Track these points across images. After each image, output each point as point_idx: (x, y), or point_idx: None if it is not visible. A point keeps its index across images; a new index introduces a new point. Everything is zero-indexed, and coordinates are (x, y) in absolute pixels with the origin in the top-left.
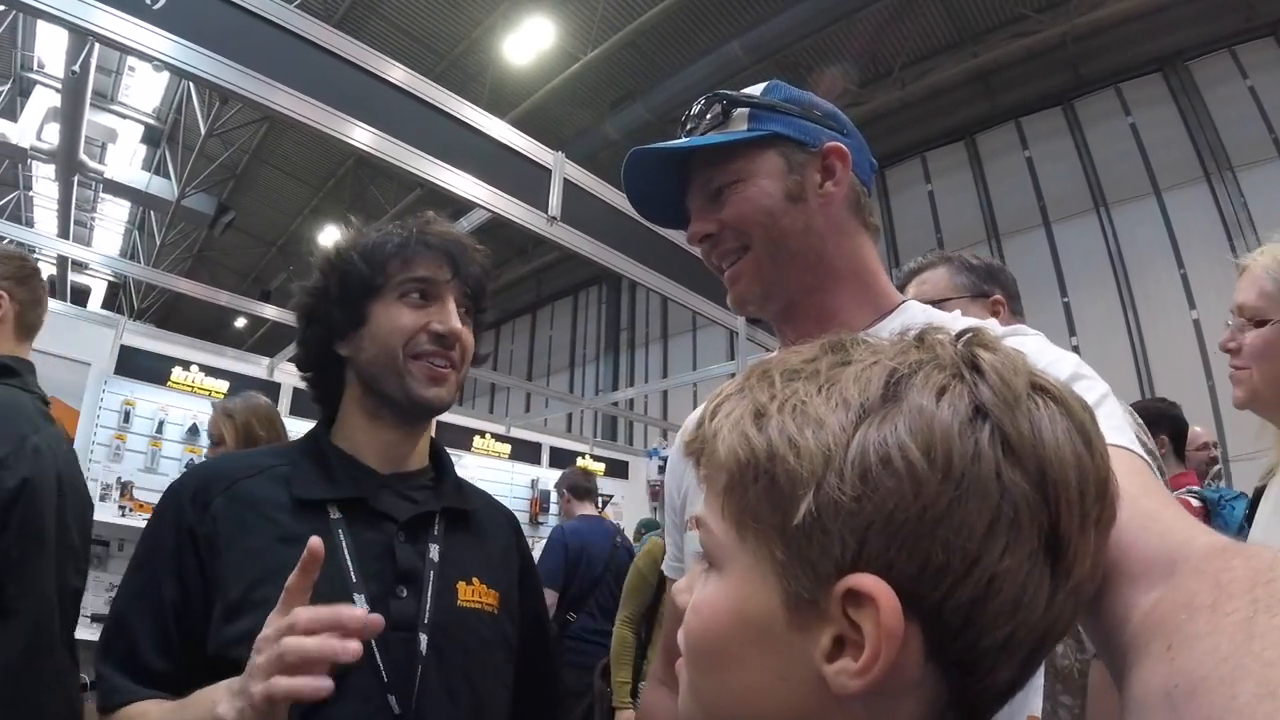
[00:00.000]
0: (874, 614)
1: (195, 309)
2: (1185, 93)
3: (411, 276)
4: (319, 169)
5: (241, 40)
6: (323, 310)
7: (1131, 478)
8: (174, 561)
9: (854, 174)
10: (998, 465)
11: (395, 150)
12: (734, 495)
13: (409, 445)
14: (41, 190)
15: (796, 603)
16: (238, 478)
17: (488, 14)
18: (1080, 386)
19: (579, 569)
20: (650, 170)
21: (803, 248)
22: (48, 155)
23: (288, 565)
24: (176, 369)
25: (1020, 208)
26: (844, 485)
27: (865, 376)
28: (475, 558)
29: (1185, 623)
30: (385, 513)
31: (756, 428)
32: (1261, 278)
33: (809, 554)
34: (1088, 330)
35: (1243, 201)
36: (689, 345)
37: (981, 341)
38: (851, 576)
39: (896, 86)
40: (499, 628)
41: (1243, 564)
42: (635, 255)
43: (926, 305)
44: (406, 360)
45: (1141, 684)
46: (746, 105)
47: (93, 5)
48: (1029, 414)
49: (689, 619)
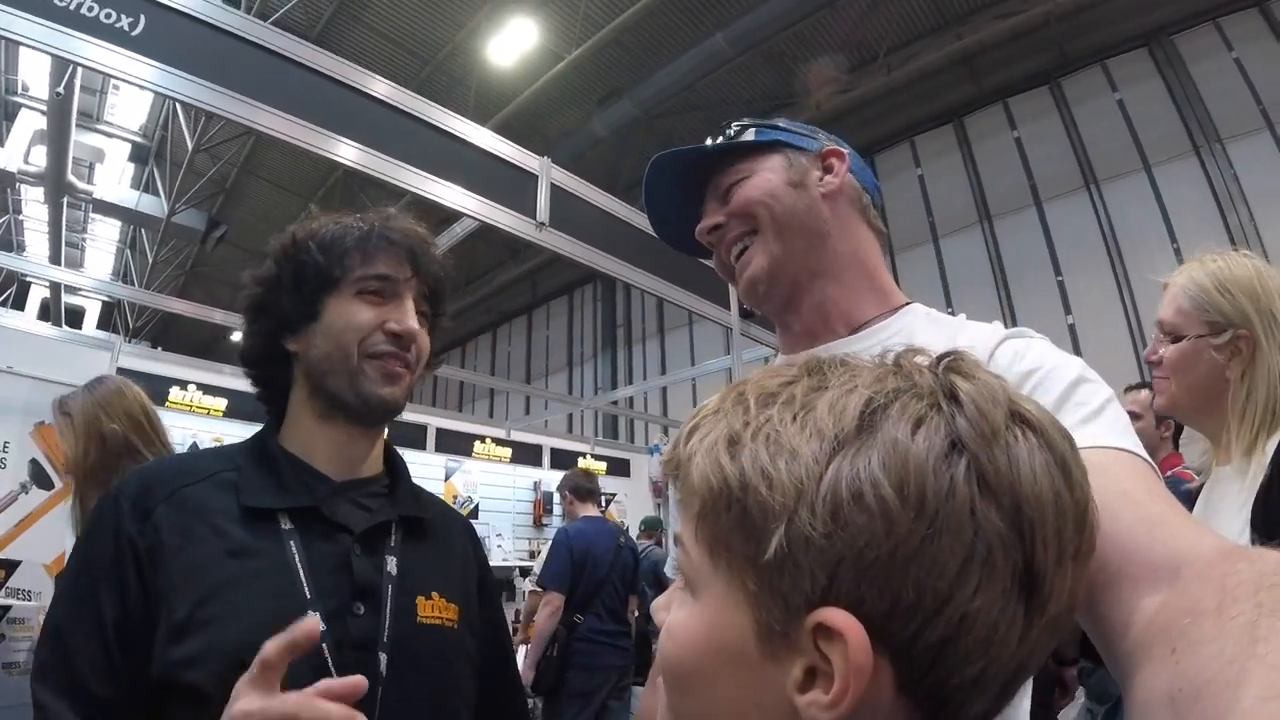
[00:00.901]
0: (843, 648)
1: (191, 325)
2: (1171, 67)
3: (371, 273)
4: (308, 180)
5: (222, 62)
6: (273, 301)
7: (1135, 482)
8: (114, 574)
9: (856, 179)
10: (972, 502)
11: (381, 165)
12: (707, 521)
13: (362, 449)
14: (31, 213)
15: (768, 633)
16: (181, 484)
17: (470, 17)
18: (1085, 390)
19: (584, 571)
20: (669, 193)
21: (807, 226)
22: (36, 178)
23: (237, 580)
24: (174, 389)
25: (1011, 188)
26: (815, 521)
27: (841, 405)
28: (434, 570)
29: (1189, 627)
30: (340, 523)
31: (730, 455)
32: (1179, 296)
33: (780, 586)
34: (1083, 309)
35: (1233, 174)
36: (685, 340)
37: (960, 369)
38: (821, 610)
39: (882, 72)
40: (459, 644)
41: (1248, 568)
42: (625, 256)
43: (930, 309)
44: (361, 359)
45: (1146, 688)
46: (752, 126)
47: (73, 35)
48: (1007, 448)
49: (664, 641)
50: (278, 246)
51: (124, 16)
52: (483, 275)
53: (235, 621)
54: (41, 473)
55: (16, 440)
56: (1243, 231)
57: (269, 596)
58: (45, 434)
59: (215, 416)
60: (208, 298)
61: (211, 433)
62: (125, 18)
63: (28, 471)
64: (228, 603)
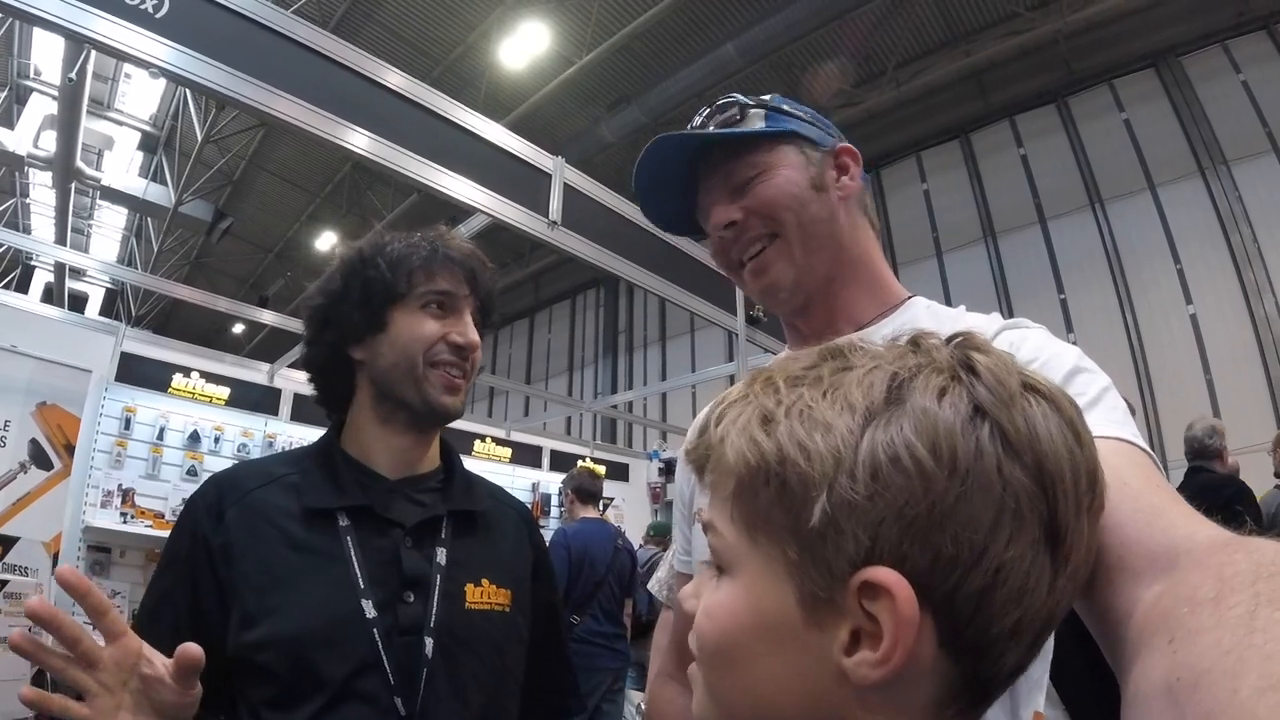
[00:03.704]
0: (890, 605)
1: (193, 315)
2: (1178, 88)
3: (434, 289)
4: (316, 175)
5: (240, 46)
6: (340, 313)
7: (1134, 471)
8: (188, 568)
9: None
10: (999, 460)
11: (394, 155)
12: (744, 499)
13: (420, 450)
14: (39, 197)
15: (812, 601)
16: (251, 487)
17: (483, 19)
18: (1082, 379)
19: (582, 572)
20: (662, 165)
21: (828, 236)
22: (45, 162)
23: (299, 573)
24: (177, 376)
25: (1015, 205)
26: (856, 485)
27: (868, 381)
28: (484, 558)
29: (1187, 616)
30: (392, 519)
31: (765, 433)
32: None
33: (823, 553)
34: (1085, 327)
35: (1237, 195)
36: (687, 347)
37: (974, 344)
38: (867, 570)
39: (891, 86)
40: (510, 627)
41: (1245, 558)
42: (635, 259)
43: (930, 302)
44: (426, 368)
45: (1143, 678)
46: (761, 107)
47: (93, 13)
48: (1024, 411)
49: (701, 623)
50: (344, 261)
51: None
52: None
53: (296, 610)
54: (41, 452)
55: (18, 420)
56: (1245, 252)
57: (327, 587)
58: (46, 414)
59: (218, 405)
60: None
61: (213, 421)
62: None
63: (27, 451)
64: (290, 593)
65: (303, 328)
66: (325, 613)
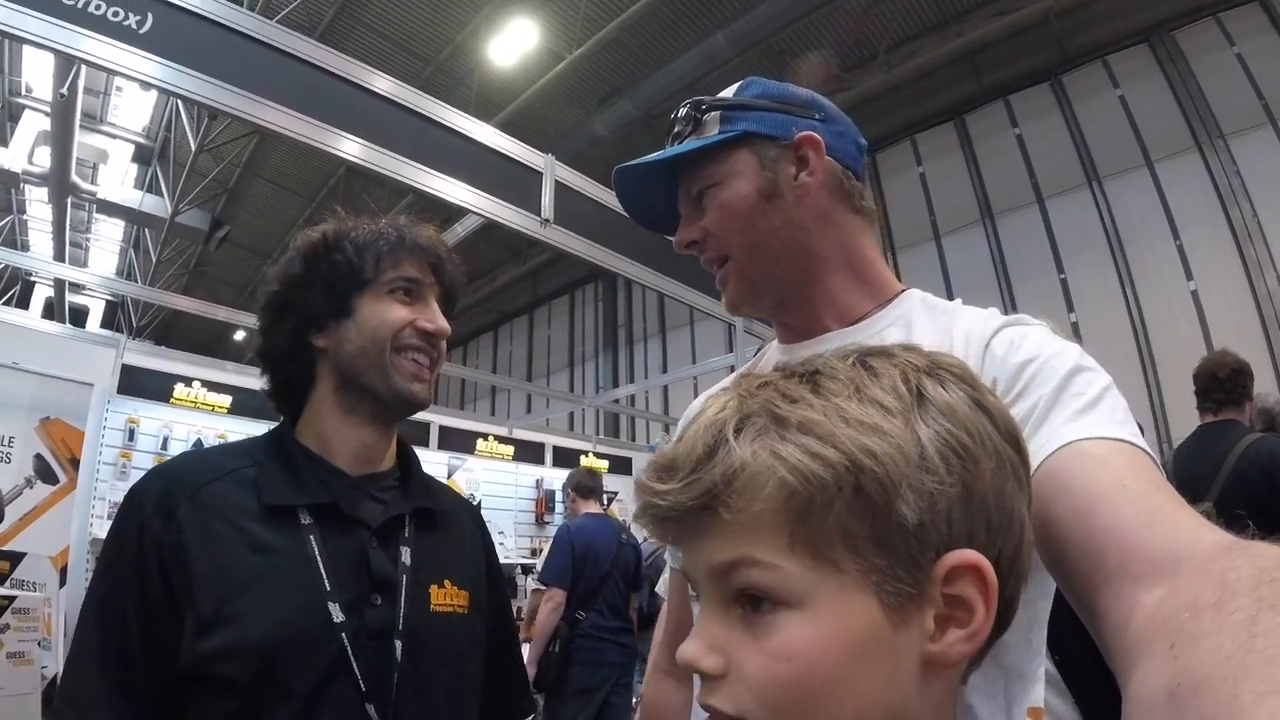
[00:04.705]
0: (974, 580)
1: (194, 324)
2: (1173, 62)
3: (402, 275)
4: (311, 180)
5: (227, 59)
6: (302, 299)
7: (1134, 474)
8: (135, 574)
9: (835, 159)
10: (995, 434)
11: (385, 160)
12: (810, 522)
13: (383, 446)
14: (35, 213)
15: (897, 601)
16: (202, 482)
17: (471, 17)
18: (1083, 379)
19: (586, 567)
20: (640, 182)
21: (786, 244)
22: (40, 178)
23: (261, 576)
24: (179, 386)
25: (1013, 186)
26: (929, 478)
27: (890, 382)
28: (445, 558)
29: (1188, 621)
30: (357, 518)
31: (820, 443)
32: None
33: (909, 549)
34: (1086, 306)
35: (1235, 169)
36: (687, 339)
37: (910, 347)
38: (950, 555)
39: (883, 70)
40: (471, 629)
41: (1247, 562)
42: (629, 253)
43: (926, 294)
44: (393, 354)
45: (1144, 683)
46: (717, 108)
47: (80, 32)
48: (984, 390)
49: (776, 671)
50: (306, 245)
51: (132, 14)
52: (484, 275)
53: (260, 615)
54: (46, 467)
55: (21, 435)
56: (1245, 227)
57: (292, 590)
58: (50, 429)
59: (220, 413)
60: (210, 297)
61: (216, 429)
62: (133, 15)
63: (32, 466)
64: (253, 598)
65: (257, 317)
66: (291, 618)
